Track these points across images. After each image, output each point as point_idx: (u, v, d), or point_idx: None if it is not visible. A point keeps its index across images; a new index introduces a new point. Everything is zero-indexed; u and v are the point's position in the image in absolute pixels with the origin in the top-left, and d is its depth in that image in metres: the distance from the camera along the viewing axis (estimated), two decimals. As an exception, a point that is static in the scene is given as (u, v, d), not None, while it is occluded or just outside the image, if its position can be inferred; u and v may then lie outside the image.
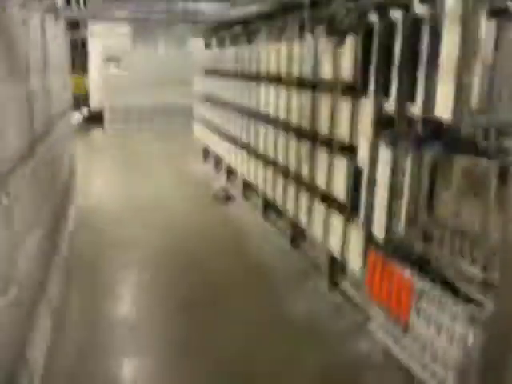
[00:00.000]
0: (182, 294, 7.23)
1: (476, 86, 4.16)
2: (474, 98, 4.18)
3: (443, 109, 4.31)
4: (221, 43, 14.38)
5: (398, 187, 5.17)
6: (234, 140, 12.28)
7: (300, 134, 8.14)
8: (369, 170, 5.56)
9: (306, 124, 7.79)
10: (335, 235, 6.85)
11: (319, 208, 7.38)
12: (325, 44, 6.87)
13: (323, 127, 7.13)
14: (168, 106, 22.68)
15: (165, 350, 5.93)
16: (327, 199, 7.12)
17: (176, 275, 7.94)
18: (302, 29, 8.30)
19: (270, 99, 9.44)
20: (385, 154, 5.24)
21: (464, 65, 4.16)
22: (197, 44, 17.69)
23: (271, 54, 9.33)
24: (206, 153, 16.51)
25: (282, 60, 8.77)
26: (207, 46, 16.36)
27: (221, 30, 14.09)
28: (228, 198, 12.35)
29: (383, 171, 5.29)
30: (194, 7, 12.84)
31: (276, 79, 9.31)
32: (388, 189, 5.24)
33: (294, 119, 8.29)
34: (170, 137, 20.70)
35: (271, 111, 9.43)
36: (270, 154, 9.55)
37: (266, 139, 9.76)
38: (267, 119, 9.75)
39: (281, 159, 9.00)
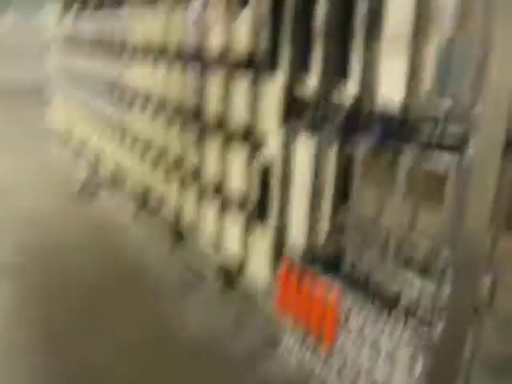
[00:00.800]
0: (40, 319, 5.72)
1: (432, 62, 3.25)
2: (430, 77, 3.27)
3: (390, 90, 3.36)
4: (82, 9, 12.49)
5: (320, 186, 4.18)
6: (100, 121, 10.64)
7: (183, 116, 6.90)
8: (281, 165, 4.49)
9: (190, 106, 6.56)
10: (232, 241, 5.76)
11: (210, 207, 6.24)
12: (216, 4, 5.66)
13: (212, 110, 5.96)
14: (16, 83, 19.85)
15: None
16: (221, 197, 6.00)
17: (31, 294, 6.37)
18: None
19: (144, 74, 8.03)
20: (304, 146, 4.20)
21: (419, 34, 3.23)
22: (52, 10, 15.46)
23: (145, 22, 7.89)
24: (65, 137, 14.51)
25: (158, 29, 7.40)
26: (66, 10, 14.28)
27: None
28: (93, 192, 10.71)
29: (301, 167, 4.25)
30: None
31: (151, 51, 7.94)
32: (308, 188, 4.22)
33: (175, 99, 7.01)
34: (18, 118, 18.17)
35: (145, 88, 8.05)
36: (146, 138, 8.18)
37: (141, 120, 8.35)
38: (140, 97, 8.35)
39: (160, 146, 7.68)
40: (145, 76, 8.00)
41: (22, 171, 11.76)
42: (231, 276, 6.26)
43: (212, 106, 5.94)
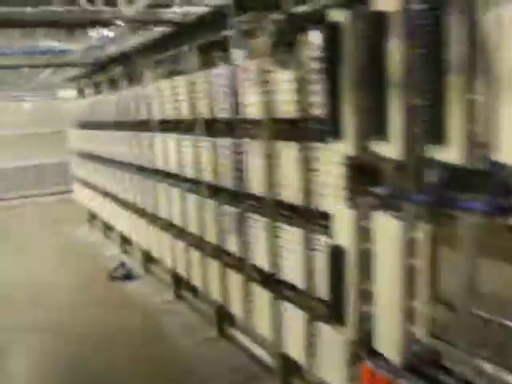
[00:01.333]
0: None
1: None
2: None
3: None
4: (97, 89, 12.11)
5: (412, 273, 3.24)
6: (125, 204, 9.92)
7: (218, 194, 6.11)
8: (356, 251, 3.57)
9: (227, 181, 5.76)
10: (294, 335, 4.80)
11: (262, 295, 5.32)
12: (251, 67, 4.92)
13: (256, 186, 5.16)
14: (40, 166, 19.37)
15: None
16: (274, 286, 5.10)
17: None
18: (205, 53, 6.37)
19: (170, 151, 7.31)
20: (387, 225, 3.30)
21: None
22: (68, 92, 15.25)
23: (164, 92, 7.25)
24: (92, 217, 13.88)
25: (182, 98, 6.72)
26: (81, 93, 13.97)
27: (95, 74, 11.83)
28: (127, 275, 9.85)
29: (385, 251, 3.34)
30: (59, 47, 10.45)
31: (175, 124, 7.27)
32: (397, 277, 3.28)
33: (208, 175, 6.23)
34: (45, 201, 17.69)
35: (172, 166, 7.31)
36: (178, 220, 7.37)
37: (171, 202, 7.57)
38: (168, 177, 7.62)
39: (194, 228, 6.85)
40: (170, 153, 7.31)
41: (54, 252, 11.04)
42: (292, 371, 5.30)
43: (255, 181, 5.13)
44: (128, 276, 9.82)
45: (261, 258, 5.19)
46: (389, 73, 3.09)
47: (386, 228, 3.29)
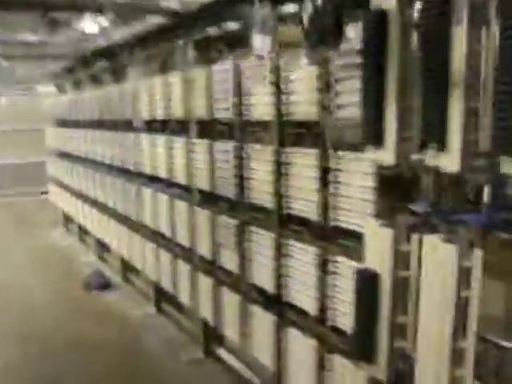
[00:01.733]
0: None
1: None
2: None
3: None
4: (79, 85, 11.39)
5: (466, 309, 2.71)
6: (105, 209, 9.24)
7: (215, 202, 5.52)
8: (394, 278, 3.02)
9: (225, 189, 5.19)
10: (300, 366, 4.24)
11: (264, 321, 4.74)
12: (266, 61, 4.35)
13: (259, 195, 4.59)
14: (16, 165, 18.38)
15: None
16: (276, 305, 4.53)
17: None
18: (201, 49, 5.80)
19: (159, 154, 6.70)
20: (441, 249, 2.75)
21: None
22: (47, 88, 14.46)
23: (156, 90, 6.65)
24: (68, 220, 13.12)
25: (175, 96, 6.13)
26: (61, 89, 13.22)
27: (77, 70, 11.12)
28: (104, 284, 9.16)
29: (438, 281, 2.78)
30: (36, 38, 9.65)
31: (163, 124, 6.67)
32: (449, 313, 2.74)
33: (202, 181, 5.65)
34: (21, 202, 16.82)
35: (161, 170, 6.70)
36: (165, 229, 6.75)
37: (157, 209, 6.95)
38: (155, 181, 7.01)
39: (184, 239, 6.24)
40: (160, 157, 6.70)
41: (27, 257, 10.22)
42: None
43: (259, 190, 4.57)
44: (105, 285, 9.14)
45: (263, 277, 4.62)
46: (450, 69, 2.57)
47: (437, 253, 2.74)
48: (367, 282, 3.10)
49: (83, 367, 6.25)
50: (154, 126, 6.96)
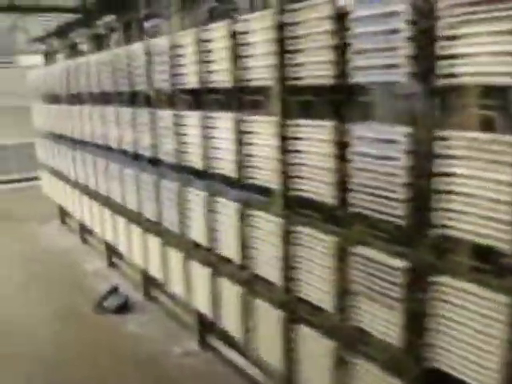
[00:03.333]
0: None
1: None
2: None
3: None
4: (73, 50, 9.11)
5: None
6: (111, 205, 7.16)
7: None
8: None
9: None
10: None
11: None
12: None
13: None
14: (1, 147, 15.78)
15: None
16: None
17: None
18: None
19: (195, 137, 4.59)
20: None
21: None
22: (33, 58, 12.14)
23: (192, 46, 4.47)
24: (66, 215, 10.98)
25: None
26: (49, 58, 10.91)
27: (73, 29, 8.83)
28: (122, 305, 7.04)
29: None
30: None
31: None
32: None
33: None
34: (7, 190, 14.58)
35: (195, 160, 4.64)
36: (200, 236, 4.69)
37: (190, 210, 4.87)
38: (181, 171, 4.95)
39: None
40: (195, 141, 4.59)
41: (15, 266, 8.03)
42: None
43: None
44: (123, 306, 7.04)
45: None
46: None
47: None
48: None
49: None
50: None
